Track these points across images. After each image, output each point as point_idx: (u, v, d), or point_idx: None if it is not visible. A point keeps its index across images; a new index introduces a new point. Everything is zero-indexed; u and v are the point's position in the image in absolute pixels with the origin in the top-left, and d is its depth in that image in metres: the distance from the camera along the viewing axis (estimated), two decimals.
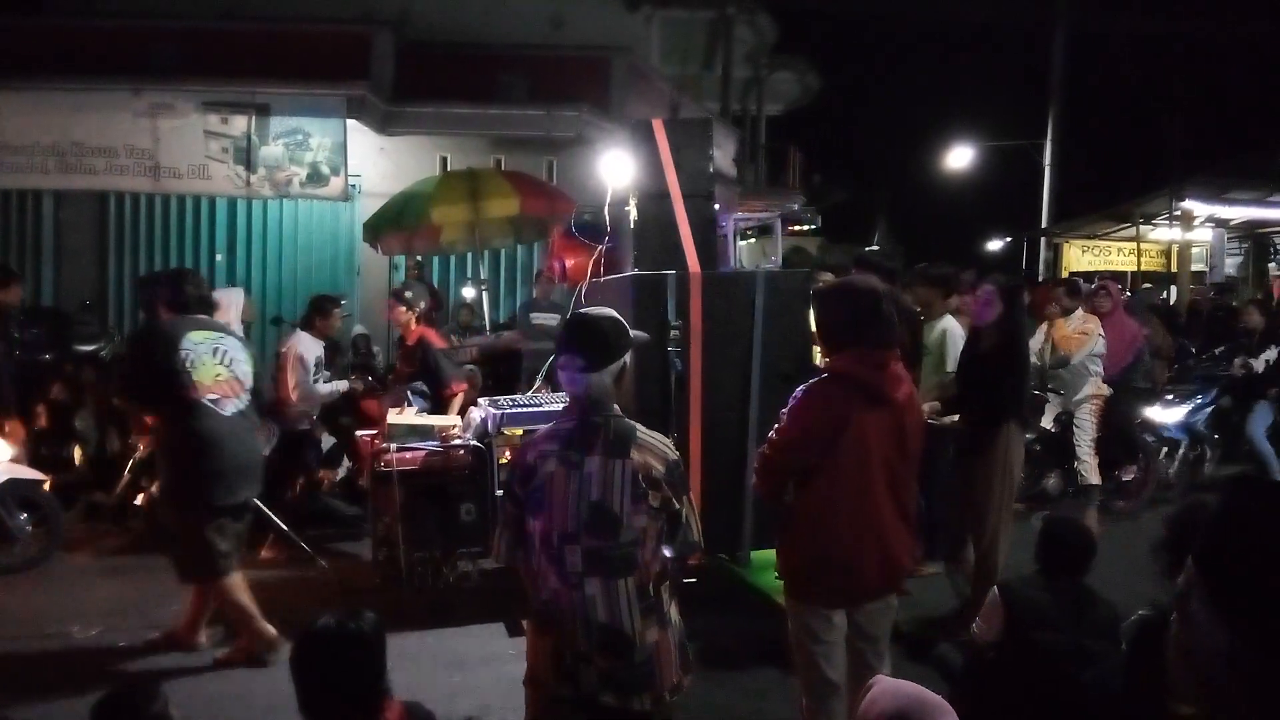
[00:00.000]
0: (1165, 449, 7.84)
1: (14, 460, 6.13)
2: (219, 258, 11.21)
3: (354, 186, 10.77)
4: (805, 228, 23.67)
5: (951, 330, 5.85)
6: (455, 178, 9.37)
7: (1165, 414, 7.92)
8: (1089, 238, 17.29)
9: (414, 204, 8.88)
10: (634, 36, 14.29)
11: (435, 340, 6.79)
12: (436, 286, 11.22)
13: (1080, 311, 7.00)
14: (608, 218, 5.45)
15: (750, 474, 4.94)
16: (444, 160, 11.27)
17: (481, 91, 11.11)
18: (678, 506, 2.60)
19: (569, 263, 6.38)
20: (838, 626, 3.16)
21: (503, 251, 11.45)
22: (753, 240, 20.31)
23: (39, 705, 4.24)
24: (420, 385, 6.67)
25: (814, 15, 20.64)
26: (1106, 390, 6.92)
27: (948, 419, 5.45)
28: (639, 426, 2.64)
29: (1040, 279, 14.18)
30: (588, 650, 2.51)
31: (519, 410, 5.64)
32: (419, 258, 10.84)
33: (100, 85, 9.91)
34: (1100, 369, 6.88)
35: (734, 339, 5.01)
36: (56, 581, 5.87)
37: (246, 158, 9.87)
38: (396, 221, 9.08)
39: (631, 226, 5.24)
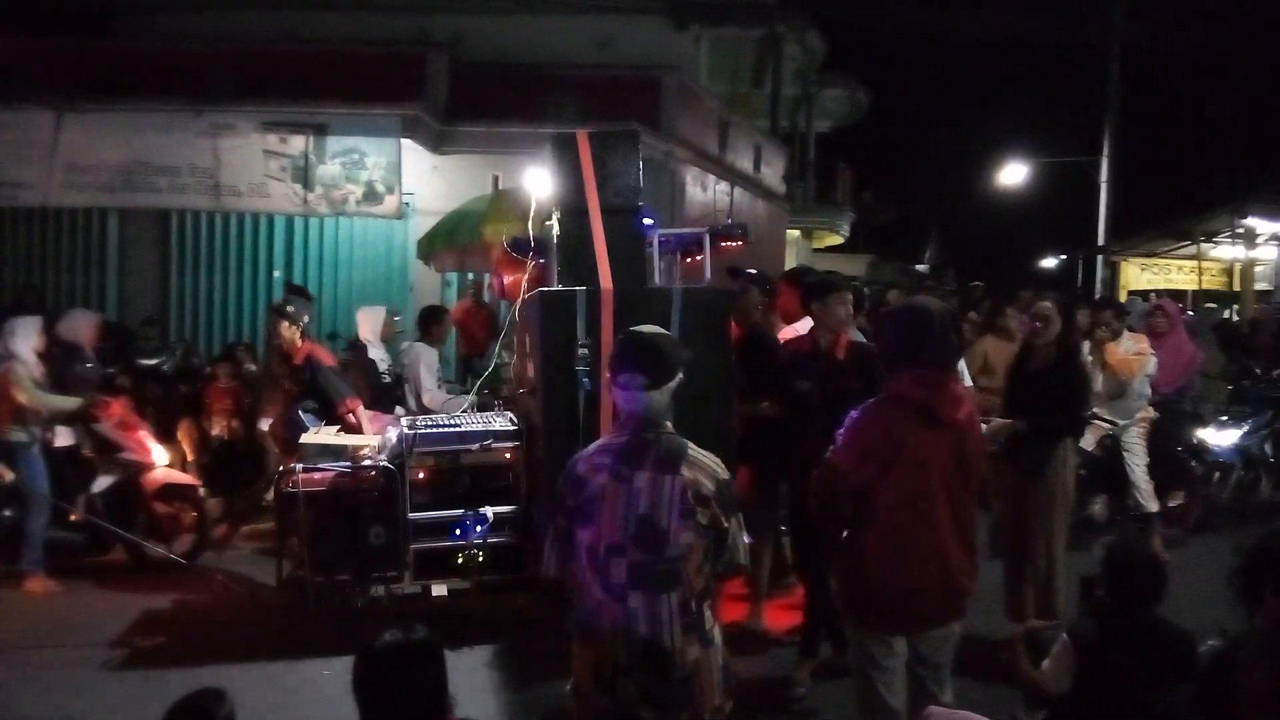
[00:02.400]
0: (1218, 473, 7.59)
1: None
2: (277, 274, 11.44)
3: (408, 204, 10.94)
4: (836, 241, 23.51)
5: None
6: (508, 195, 9.46)
7: (1219, 436, 7.67)
8: (1148, 256, 16.93)
9: (467, 221, 9.00)
10: (682, 55, 14.37)
11: (324, 358, 6.53)
12: (488, 303, 11.34)
13: (1126, 332, 6.80)
14: (531, 234, 5.26)
15: None
16: (496, 178, 11.39)
17: (532, 111, 11.23)
18: (725, 525, 2.60)
19: (507, 279, 6.22)
20: (898, 653, 3.11)
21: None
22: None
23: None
24: (311, 404, 6.39)
25: (865, 31, 20.58)
26: (1153, 413, 6.74)
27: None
28: (690, 444, 2.66)
29: (1098, 298, 13.90)
30: (627, 664, 2.52)
31: (433, 430, 5.51)
32: (470, 275, 10.96)
33: (164, 106, 10.20)
34: (1149, 391, 6.69)
35: None
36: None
37: (304, 176, 10.08)
38: (450, 239, 9.21)
39: (553, 242, 5.16)
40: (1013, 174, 19.19)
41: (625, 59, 13.31)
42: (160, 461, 6.61)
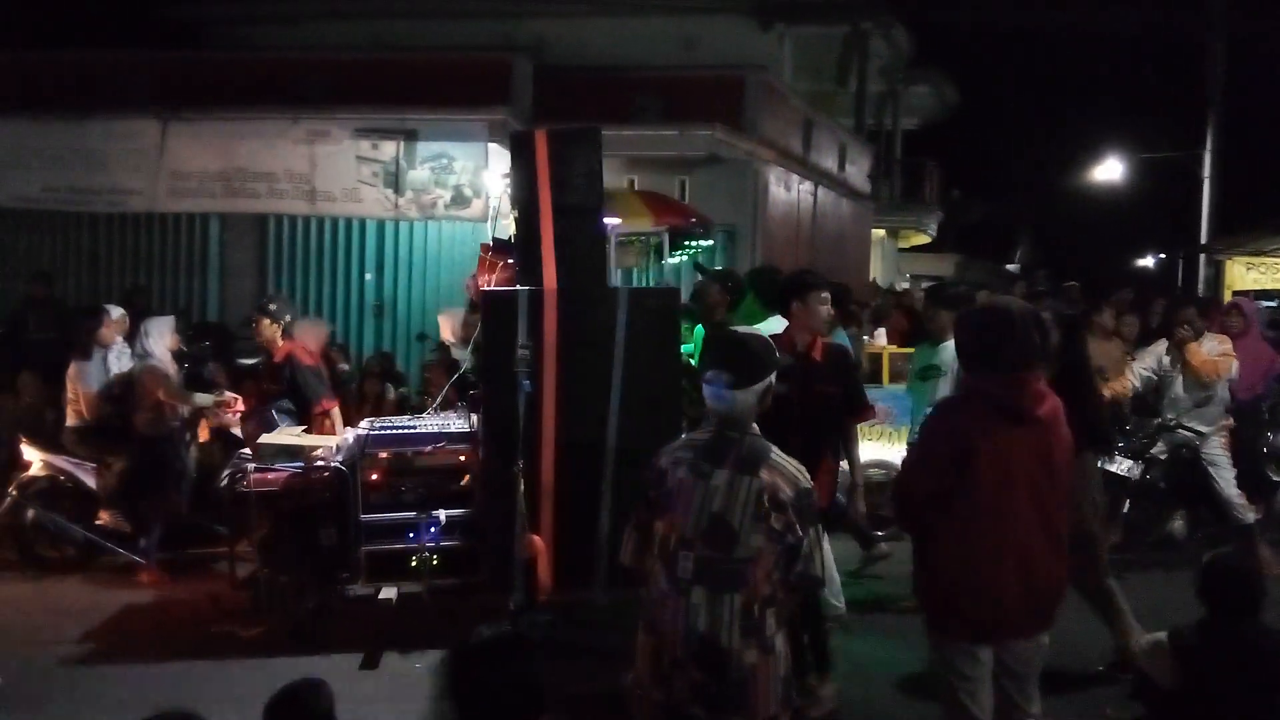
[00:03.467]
0: None
1: None
2: (368, 277, 11.73)
3: (494, 208, 11.11)
4: (922, 241, 23.00)
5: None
6: None
7: None
8: (1255, 254, 16.17)
9: None
10: (766, 55, 14.29)
11: (303, 357, 6.49)
12: None
13: (1208, 332, 6.40)
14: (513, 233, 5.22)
15: (605, 505, 4.71)
16: None
17: (616, 113, 11.29)
18: (801, 535, 2.59)
19: (482, 281, 6.12)
20: (983, 662, 3.02)
21: (634, 270, 11.60)
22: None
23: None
24: (286, 404, 6.39)
25: (953, 26, 20.14)
26: (1232, 421, 6.36)
27: None
28: (774, 449, 2.67)
29: (1201, 297, 13.34)
30: (684, 658, 2.54)
31: (388, 432, 5.48)
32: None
33: (262, 115, 10.55)
34: (1229, 396, 6.30)
35: (593, 359, 4.72)
36: None
37: (395, 181, 10.31)
38: None
39: (510, 240, 5.08)
40: (1109, 170, 18.58)
41: (709, 59, 13.29)
42: None
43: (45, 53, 12.10)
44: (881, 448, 7.25)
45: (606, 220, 5.24)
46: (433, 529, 5.16)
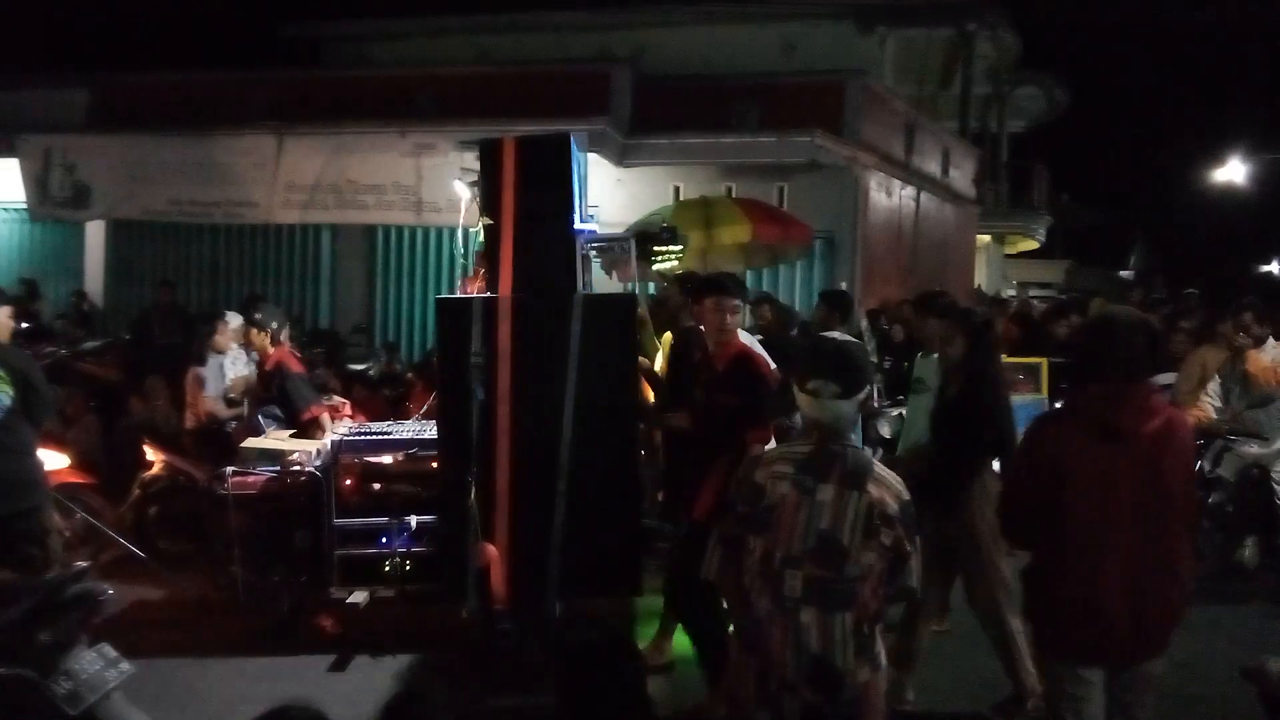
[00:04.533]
0: None
1: None
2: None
3: (592, 216, 11.21)
4: (1031, 246, 22.24)
5: None
6: (689, 206, 9.56)
7: None
8: None
9: None
10: (867, 58, 14.08)
11: (293, 365, 6.43)
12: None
13: (1271, 339, 6.00)
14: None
15: (559, 513, 4.60)
16: (677, 190, 11.53)
17: (714, 121, 11.29)
18: (908, 549, 2.54)
19: (470, 289, 6.10)
20: (1091, 683, 2.89)
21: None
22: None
23: None
24: (274, 410, 6.38)
25: (1063, 25, 19.51)
26: None
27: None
28: (875, 460, 2.61)
29: (1243, 299, 12.47)
30: (795, 680, 2.48)
31: (360, 438, 5.47)
32: (651, 285, 11.11)
33: (372, 129, 10.91)
34: None
35: (547, 366, 4.64)
36: None
37: None
38: None
39: (478, 248, 5.00)
40: (1231, 171, 17.71)
41: (808, 65, 13.17)
42: None
43: (172, 74, 12.78)
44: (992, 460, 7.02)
45: (590, 228, 5.21)
46: (404, 534, 5.20)
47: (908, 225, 13.67)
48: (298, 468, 5.41)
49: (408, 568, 5.18)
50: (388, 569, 5.18)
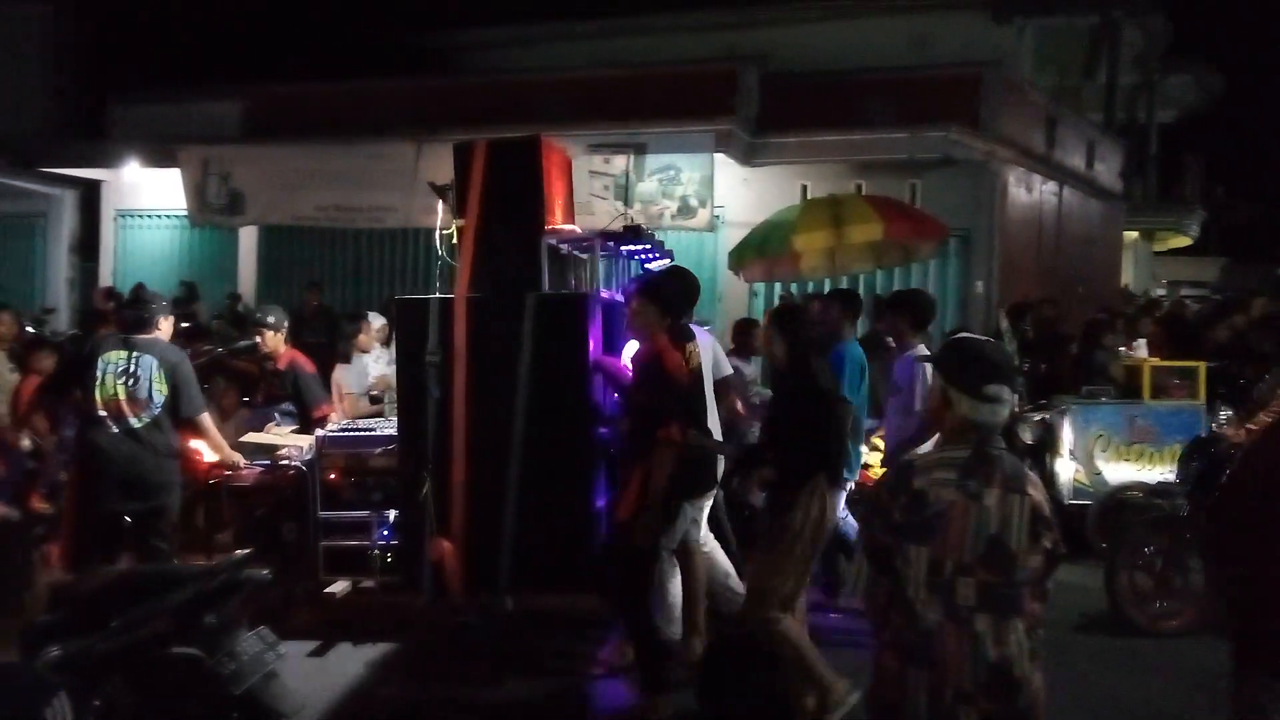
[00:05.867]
0: None
1: None
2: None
3: (718, 217, 11.21)
4: (1182, 243, 20.96)
5: (920, 362, 5.23)
6: (818, 205, 9.42)
7: None
8: None
9: (777, 232, 9.04)
10: (1005, 49, 13.58)
11: (305, 365, 6.63)
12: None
13: None
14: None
15: (510, 509, 4.66)
16: (804, 188, 11.39)
17: (843, 117, 11.10)
18: (1062, 551, 2.52)
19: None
20: None
21: (861, 277, 11.33)
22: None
23: None
24: (288, 406, 6.62)
25: (1216, 9, 18.35)
26: None
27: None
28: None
29: None
30: (972, 690, 2.42)
31: (343, 434, 5.66)
32: (778, 286, 11.04)
33: (504, 133, 11.16)
34: None
35: (501, 365, 4.73)
36: None
37: (625, 194, 10.63)
38: (760, 249, 9.30)
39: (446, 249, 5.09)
40: None
41: (941, 58, 12.80)
42: None
43: (317, 85, 13.38)
44: (1140, 469, 6.69)
45: (568, 228, 5.40)
46: (383, 527, 5.44)
47: (1049, 222, 13.12)
48: (286, 462, 5.73)
49: (388, 559, 5.46)
50: (368, 560, 5.46)
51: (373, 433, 5.80)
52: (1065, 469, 7.02)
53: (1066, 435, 7.17)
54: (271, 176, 11.89)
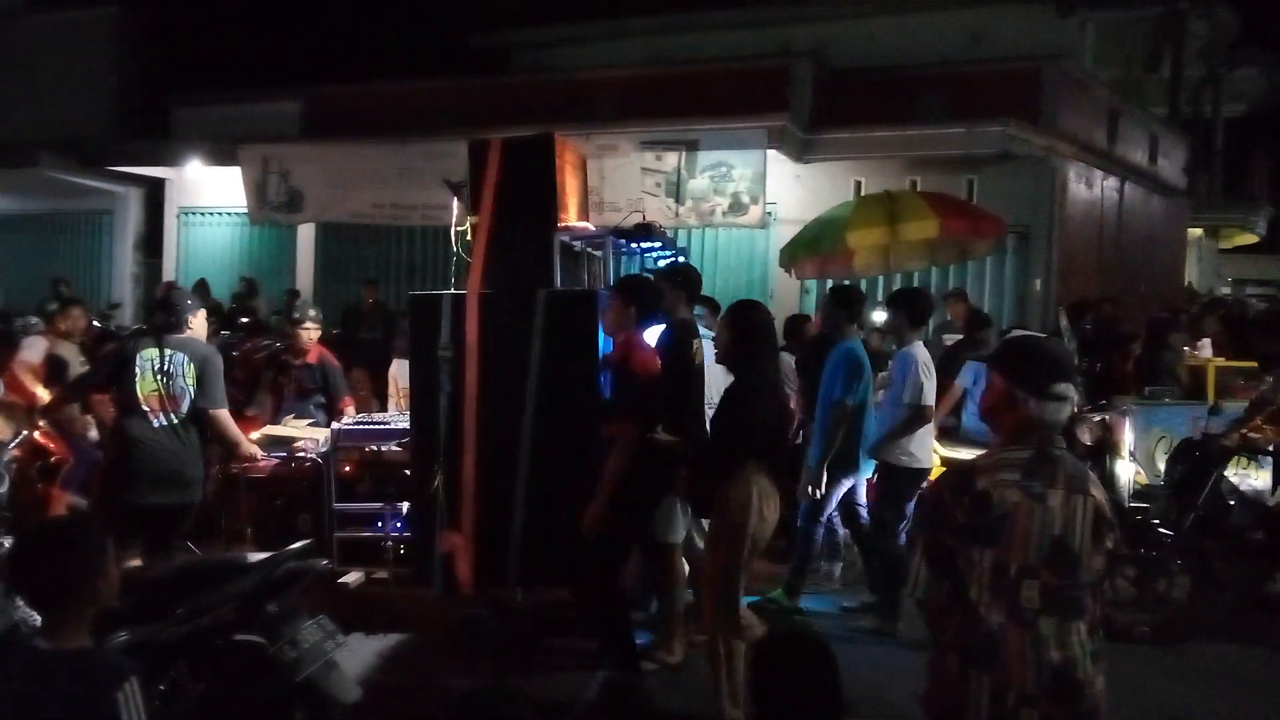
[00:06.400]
0: None
1: None
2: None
3: (770, 214, 11.15)
4: (1249, 240, 20.34)
5: (915, 357, 5.38)
6: (873, 201, 9.33)
7: None
8: None
9: (830, 229, 8.98)
10: (1066, 43, 13.31)
11: (333, 359, 6.90)
12: None
13: None
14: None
15: (520, 503, 4.65)
16: (858, 184, 11.29)
17: (898, 113, 10.97)
18: (1124, 551, 2.48)
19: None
20: None
21: (915, 275, 11.19)
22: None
23: None
24: (319, 399, 6.76)
25: None
26: None
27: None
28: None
29: None
30: (1035, 694, 2.39)
31: (358, 427, 5.78)
32: (830, 283, 10.92)
33: (557, 132, 11.21)
34: None
35: (511, 360, 4.76)
36: None
37: (676, 191, 10.62)
38: (812, 246, 9.24)
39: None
40: None
41: (1000, 51, 12.59)
42: None
43: (373, 85, 13.58)
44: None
45: (581, 225, 5.47)
46: (395, 519, 5.51)
47: (1110, 218, 12.84)
48: (302, 454, 5.81)
49: (401, 551, 5.53)
50: (381, 551, 5.54)
51: (386, 426, 5.88)
52: (1125, 470, 6.86)
53: (1127, 436, 7.02)
54: (329, 175, 12.09)
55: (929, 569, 2.55)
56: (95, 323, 9.78)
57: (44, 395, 6.45)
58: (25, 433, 6.28)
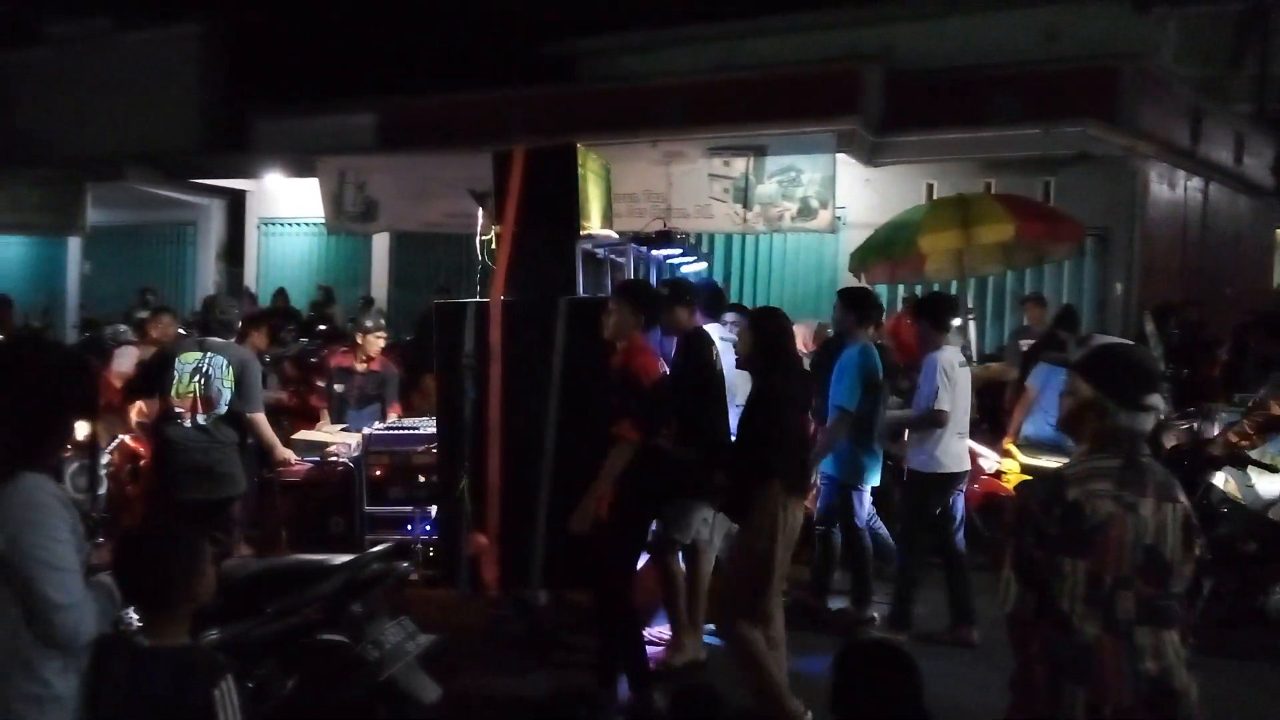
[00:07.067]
0: None
1: None
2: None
3: (839, 218, 11.06)
4: None
5: (935, 361, 5.33)
6: (946, 205, 9.20)
7: None
8: None
9: (902, 233, 8.88)
10: (1145, 40, 12.95)
11: (392, 366, 7.21)
12: None
13: None
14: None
15: (543, 506, 4.70)
16: (930, 187, 11.13)
17: (971, 114, 10.80)
18: (1210, 557, 2.54)
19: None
20: None
21: (990, 279, 10.99)
22: None
23: None
24: (377, 404, 7.06)
25: None
26: None
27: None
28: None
29: None
30: (1132, 704, 2.36)
31: (389, 432, 5.90)
32: (902, 287, 10.81)
33: (624, 139, 11.29)
34: None
35: (534, 367, 4.85)
36: None
37: (744, 196, 10.60)
38: (883, 251, 9.15)
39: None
40: None
41: (1077, 49, 12.30)
42: None
43: (444, 96, 13.82)
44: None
45: (604, 233, 5.55)
46: (425, 522, 5.61)
47: (1193, 220, 12.47)
48: (334, 458, 5.93)
49: (431, 553, 5.62)
50: (411, 554, 5.58)
51: (415, 431, 6.01)
52: (1215, 480, 6.64)
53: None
54: (403, 185, 12.33)
55: (1017, 580, 2.50)
56: (182, 330, 10.11)
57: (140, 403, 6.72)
58: (120, 437, 6.54)
